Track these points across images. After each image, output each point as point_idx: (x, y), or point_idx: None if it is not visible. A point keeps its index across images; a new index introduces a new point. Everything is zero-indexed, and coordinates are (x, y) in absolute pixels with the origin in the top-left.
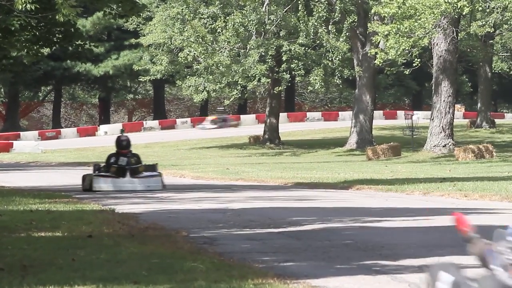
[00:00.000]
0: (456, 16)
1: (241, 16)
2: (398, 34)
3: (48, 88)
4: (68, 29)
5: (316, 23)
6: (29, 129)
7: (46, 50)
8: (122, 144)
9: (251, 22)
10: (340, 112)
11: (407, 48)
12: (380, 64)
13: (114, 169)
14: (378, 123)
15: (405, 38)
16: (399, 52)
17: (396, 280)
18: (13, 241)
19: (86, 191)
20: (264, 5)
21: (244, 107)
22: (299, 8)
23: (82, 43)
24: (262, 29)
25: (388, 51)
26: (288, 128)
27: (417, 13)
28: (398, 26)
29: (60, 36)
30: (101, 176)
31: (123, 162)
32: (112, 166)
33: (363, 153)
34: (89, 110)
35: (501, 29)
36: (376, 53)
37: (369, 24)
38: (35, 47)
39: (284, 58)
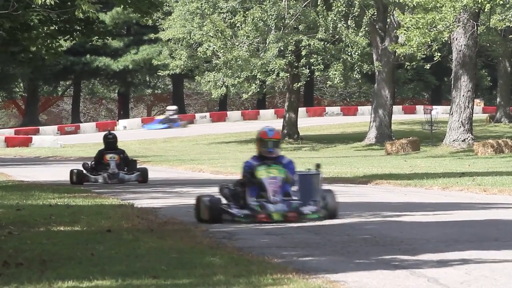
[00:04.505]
0: (476, 10)
1: (260, 11)
2: (420, 26)
3: (67, 82)
4: (88, 24)
5: (335, 18)
6: (48, 124)
7: (66, 45)
8: None
9: (271, 16)
10: (359, 107)
11: (428, 41)
12: (402, 55)
13: None
14: (397, 117)
15: (427, 31)
16: (420, 46)
17: (415, 274)
18: (32, 236)
19: None
20: (284, 0)
21: (263, 102)
22: (318, 3)
23: (103, 30)
24: (281, 24)
25: (411, 43)
26: (307, 123)
27: (439, 5)
28: (423, 16)
29: (82, 26)
30: None
31: None
32: None
33: (382, 148)
34: (108, 104)
35: None
36: (396, 48)
37: (395, 12)
38: (54, 43)
39: (303, 53)
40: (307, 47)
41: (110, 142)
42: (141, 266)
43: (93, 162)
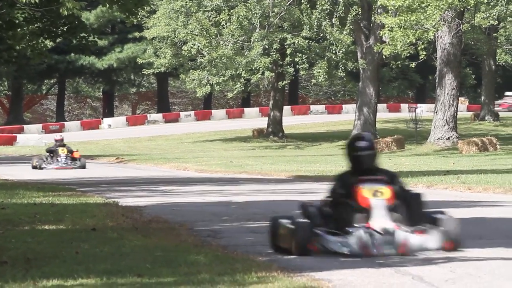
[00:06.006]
0: (462, 9)
1: (245, 9)
2: (404, 27)
3: (52, 81)
4: (72, 22)
5: (319, 16)
6: (33, 122)
7: (50, 44)
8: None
9: (255, 15)
10: (343, 105)
11: (413, 41)
12: (389, 55)
13: None
14: (381, 116)
15: (411, 31)
16: (405, 46)
17: (399, 272)
18: (17, 234)
19: None
20: None
21: (248, 100)
22: (302, 1)
23: (86, 35)
24: (266, 22)
25: (395, 43)
26: (291, 121)
27: (423, 5)
28: (406, 18)
29: (64, 29)
30: None
31: None
32: None
33: None
34: (93, 103)
35: (505, 22)
36: (382, 48)
37: (376, 16)
38: (39, 43)
39: (288, 52)
40: (291, 45)
41: (365, 157)
42: (125, 265)
43: (323, 204)
